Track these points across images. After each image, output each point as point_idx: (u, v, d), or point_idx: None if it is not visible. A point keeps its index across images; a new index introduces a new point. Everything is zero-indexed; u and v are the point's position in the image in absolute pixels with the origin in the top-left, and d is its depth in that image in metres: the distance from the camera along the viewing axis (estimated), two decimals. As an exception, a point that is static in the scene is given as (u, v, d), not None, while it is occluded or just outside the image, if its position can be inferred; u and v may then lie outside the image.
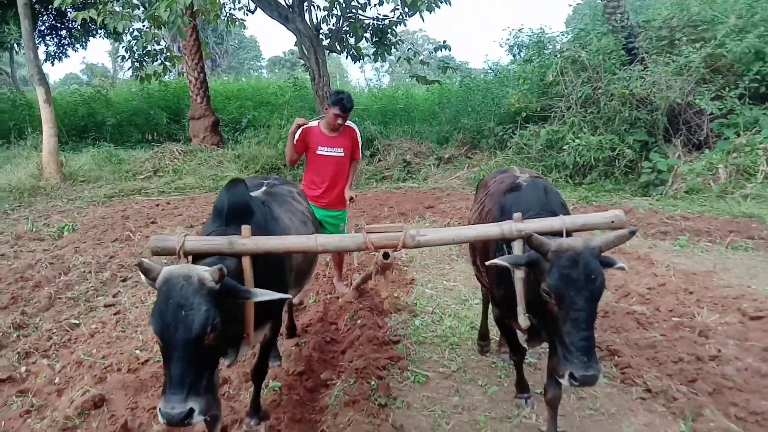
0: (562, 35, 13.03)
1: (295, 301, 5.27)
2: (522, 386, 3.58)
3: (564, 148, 10.92)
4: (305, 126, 5.15)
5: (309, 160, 5.31)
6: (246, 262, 2.63)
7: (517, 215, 2.76)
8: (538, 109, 12.39)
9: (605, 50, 11.24)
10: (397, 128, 15.97)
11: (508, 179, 3.53)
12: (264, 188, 3.57)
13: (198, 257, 2.65)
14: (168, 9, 10.00)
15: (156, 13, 10.43)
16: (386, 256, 2.95)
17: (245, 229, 2.67)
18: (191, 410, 2.19)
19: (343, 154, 5.27)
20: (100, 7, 11.68)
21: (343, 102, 5.03)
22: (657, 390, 3.58)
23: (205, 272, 2.33)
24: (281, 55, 53.15)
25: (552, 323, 2.53)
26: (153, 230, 8.68)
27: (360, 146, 5.49)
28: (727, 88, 9.87)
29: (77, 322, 5.11)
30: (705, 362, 3.91)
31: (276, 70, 47.85)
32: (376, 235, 2.87)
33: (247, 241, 2.63)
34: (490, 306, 3.81)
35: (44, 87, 12.45)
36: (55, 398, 3.73)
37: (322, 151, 5.19)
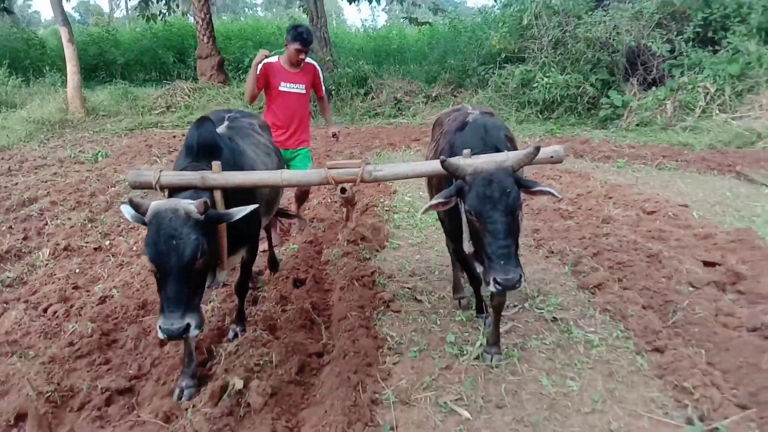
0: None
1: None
2: (481, 308, 3.87)
3: (535, 86, 12.23)
4: (266, 61, 4.97)
5: (271, 98, 5.14)
6: (217, 195, 2.86)
7: (466, 152, 2.88)
8: (516, 50, 13.56)
9: (575, -4, 12.39)
10: (390, 68, 17.02)
11: (461, 116, 3.60)
12: (226, 122, 3.61)
13: (173, 190, 2.85)
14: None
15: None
16: (343, 190, 3.30)
17: (215, 165, 2.85)
18: (188, 325, 2.48)
19: (304, 91, 5.14)
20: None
21: (303, 36, 4.87)
22: (557, 251, 5.14)
23: (190, 205, 2.55)
24: (277, -6, 53.08)
25: (478, 239, 2.77)
26: (175, 156, 10.13)
27: (322, 82, 5.39)
28: (676, 32, 11.14)
29: (135, 217, 6.66)
30: (600, 238, 5.45)
31: (274, 10, 48.00)
32: (336, 170, 3.07)
33: (217, 176, 2.83)
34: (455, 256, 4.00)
35: (67, 27, 13.49)
36: (136, 259, 5.29)
37: (284, 87, 5.03)
